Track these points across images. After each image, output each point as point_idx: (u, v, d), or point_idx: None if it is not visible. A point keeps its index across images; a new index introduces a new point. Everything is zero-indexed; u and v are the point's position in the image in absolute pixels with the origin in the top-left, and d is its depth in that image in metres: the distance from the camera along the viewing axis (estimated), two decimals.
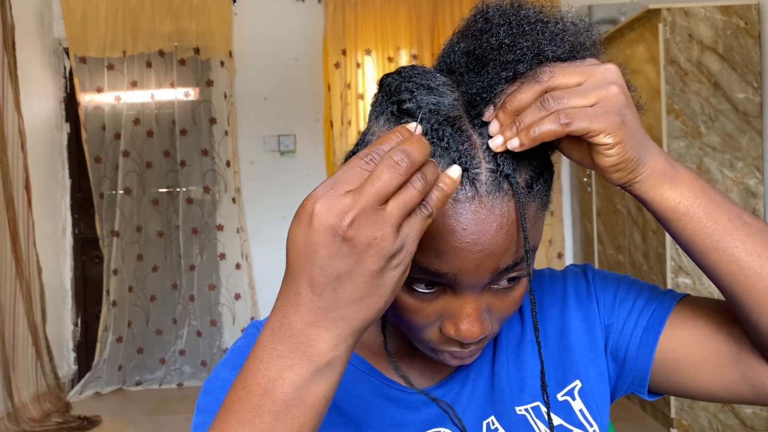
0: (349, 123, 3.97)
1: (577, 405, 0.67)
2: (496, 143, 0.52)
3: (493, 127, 0.52)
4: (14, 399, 3.15)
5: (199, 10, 3.92)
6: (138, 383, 3.91)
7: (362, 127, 3.96)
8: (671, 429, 2.85)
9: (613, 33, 3.24)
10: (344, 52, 3.97)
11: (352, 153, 0.58)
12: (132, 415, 3.46)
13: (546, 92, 0.51)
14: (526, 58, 0.51)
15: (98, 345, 3.91)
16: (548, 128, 0.50)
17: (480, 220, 0.51)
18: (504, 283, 0.56)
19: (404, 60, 3.99)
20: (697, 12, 2.81)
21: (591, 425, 0.67)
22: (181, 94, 3.99)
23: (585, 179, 3.75)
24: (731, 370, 0.61)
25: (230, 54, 3.98)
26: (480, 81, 0.52)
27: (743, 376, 0.61)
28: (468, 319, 0.55)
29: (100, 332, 3.91)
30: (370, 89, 4.02)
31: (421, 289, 0.55)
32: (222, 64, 3.95)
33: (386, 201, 0.41)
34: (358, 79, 4.00)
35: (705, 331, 0.63)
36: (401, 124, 0.50)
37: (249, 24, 4.01)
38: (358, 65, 3.99)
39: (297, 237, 0.42)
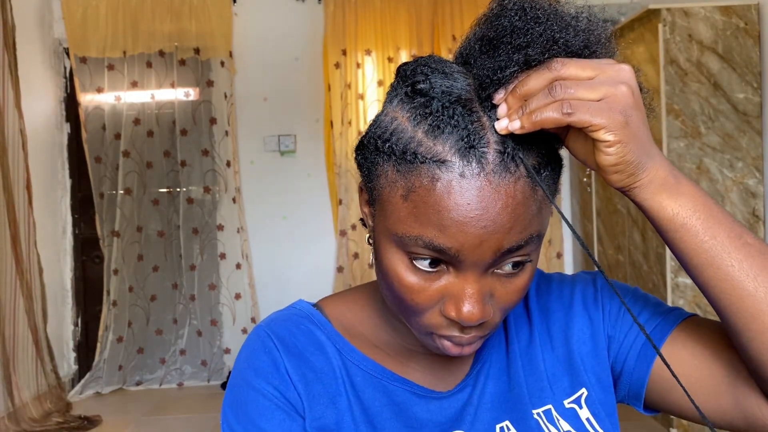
0: (349, 123, 3.97)
1: (584, 413, 0.67)
2: (501, 125, 0.52)
3: (501, 109, 0.53)
4: (15, 399, 3.15)
5: (199, 10, 3.92)
6: (138, 383, 3.91)
7: (362, 127, 3.96)
8: (671, 429, 2.85)
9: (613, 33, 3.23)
10: (344, 53, 3.97)
11: (366, 137, 0.59)
12: (132, 415, 3.46)
13: (556, 80, 0.51)
14: (538, 44, 0.52)
15: (98, 345, 3.91)
16: (550, 115, 0.50)
17: (484, 196, 0.52)
18: (508, 267, 0.56)
19: (404, 60, 3.99)
20: (697, 12, 2.81)
21: None
22: (182, 94, 3.99)
23: (585, 179, 3.75)
24: (726, 397, 0.60)
25: (230, 54, 3.98)
26: (491, 63, 0.53)
27: (737, 404, 0.59)
28: (469, 300, 0.55)
29: (100, 332, 3.91)
30: (370, 89, 4.03)
31: (424, 267, 0.55)
32: (222, 64, 3.95)
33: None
34: (358, 80, 4.00)
35: (705, 353, 0.62)
36: (414, 103, 0.54)
37: (249, 24, 4.01)
38: (358, 65, 3.99)
39: None
